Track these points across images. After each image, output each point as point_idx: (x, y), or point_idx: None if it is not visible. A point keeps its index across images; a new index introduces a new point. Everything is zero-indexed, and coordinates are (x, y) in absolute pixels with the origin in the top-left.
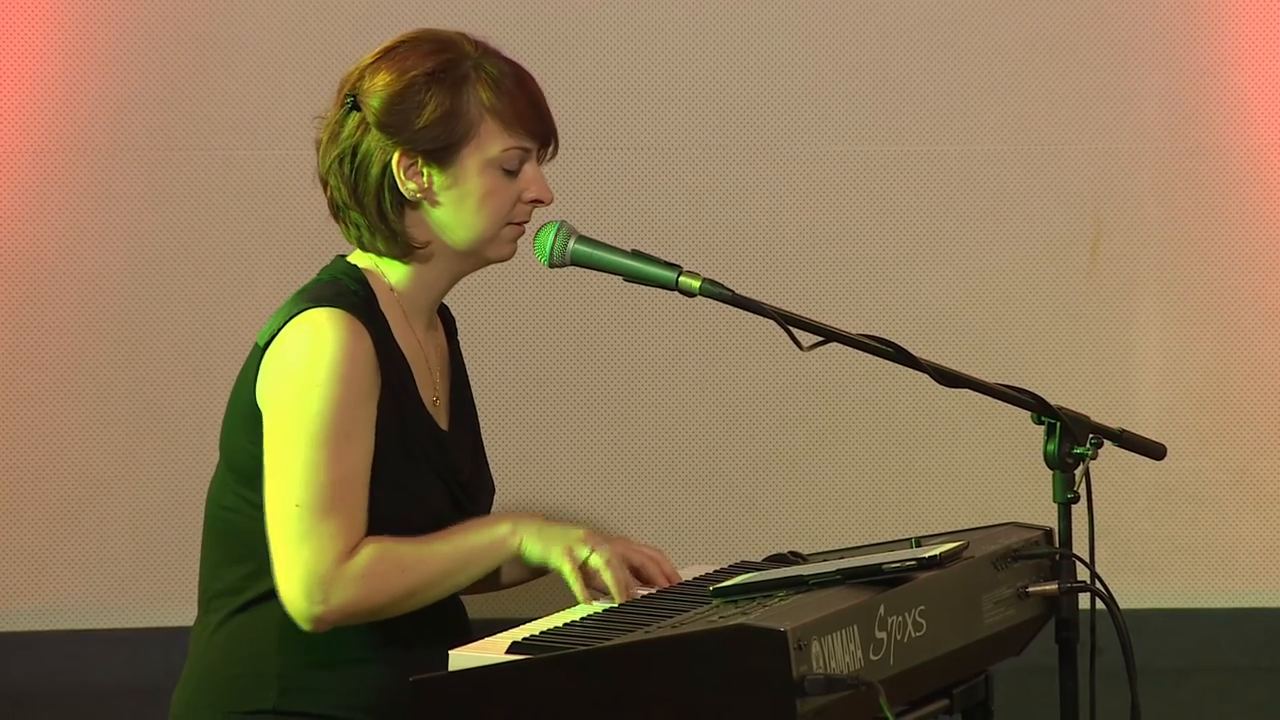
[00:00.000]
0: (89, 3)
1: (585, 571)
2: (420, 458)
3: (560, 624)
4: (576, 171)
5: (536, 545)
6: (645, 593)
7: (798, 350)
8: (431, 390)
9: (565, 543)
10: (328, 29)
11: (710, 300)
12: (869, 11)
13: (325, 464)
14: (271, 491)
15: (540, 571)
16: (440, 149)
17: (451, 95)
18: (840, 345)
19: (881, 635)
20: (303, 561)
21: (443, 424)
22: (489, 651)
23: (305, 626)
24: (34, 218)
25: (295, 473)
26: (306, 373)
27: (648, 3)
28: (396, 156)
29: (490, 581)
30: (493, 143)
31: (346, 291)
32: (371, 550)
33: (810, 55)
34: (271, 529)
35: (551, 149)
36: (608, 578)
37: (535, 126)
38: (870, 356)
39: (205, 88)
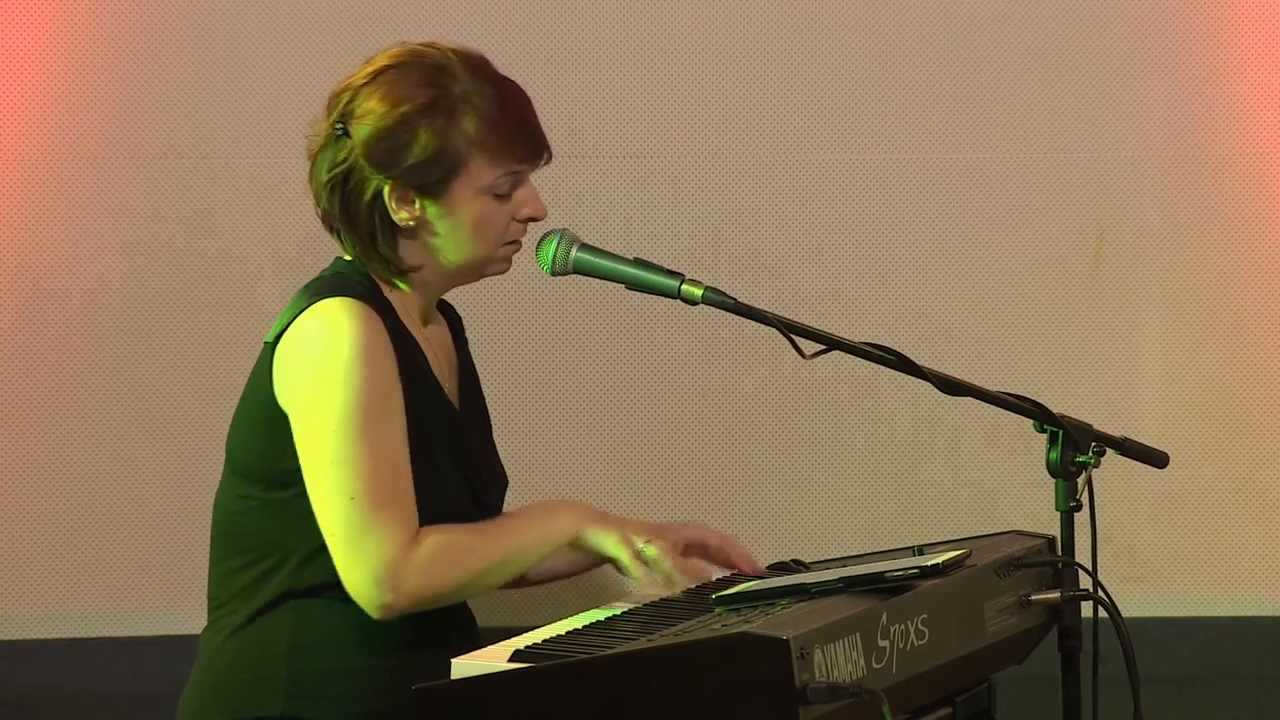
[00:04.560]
0: (90, 10)
1: (642, 561)
2: (435, 440)
3: (563, 632)
4: (579, 180)
5: (596, 531)
6: (719, 575)
7: (800, 358)
8: (441, 376)
9: (623, 531)
10: (330, 36)
11: (713, 308)
12: (871, 21)
13: (369, 452)
14: (321, 487)
15: (586, 566)
16: (431, 183)
17: (439, 131)
18: (843, 353)
19: (884, 643)
20: (368, 552)
21: (456, 405)
22: (491, 659)
23: (375, 615)
24: (36, 224)
25: (341, 465)
26: (328, 363)
27: (650, 12)
28: (388, 189)
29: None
30: (482, 173)
31: (351, 283)
32: (436, 538)
33: (813, 64)
34: (327, 524)
35: (546, 159)
36: (664, 567)
37: (524, 150)
38: (873, 365)
39: (206, 95)
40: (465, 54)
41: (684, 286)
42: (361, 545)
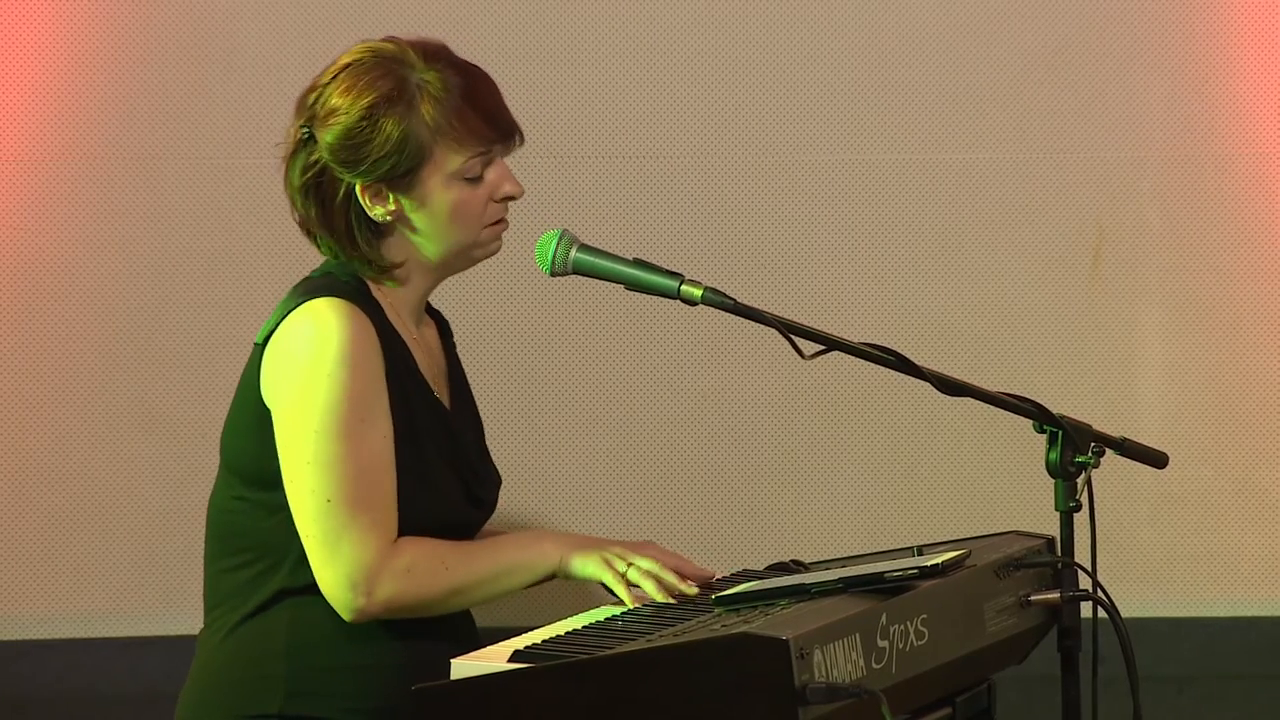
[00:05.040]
0: (90, 10)
1: (626, 581)
2: (426, 438)
3: (563, 632)
4: (579, 180)
5: (579, 561)
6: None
7: (800, 359)
8: (430, 376)
9: (604, 556)
10: (330, 37)
11: (712, 309)
12: (870, 20)
13: (349, 454)
14: (299, 488)
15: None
16: (399, 175)
17: (400, 122)
18: (842, 354)
19: (883, 644)
20: (344, 555)
21: (446, 404)
22: (491, 660)
23: (347, 618)
24: (35, 226)
25: (321, 467)
26: (313, 363)
27: (649, 12)
28: (359, 186)
29: None
30: (449, 159)
31: (340, 283)
32: (416, 548)
33: (812, 64)
34: (305, 525)
35: (517, 140)
36: (649, 587)
37: (487, 132)
38: (872, 365)
39: (204, 96)
40: (422, 43)
41: (683, 287)
42: (337, 548)
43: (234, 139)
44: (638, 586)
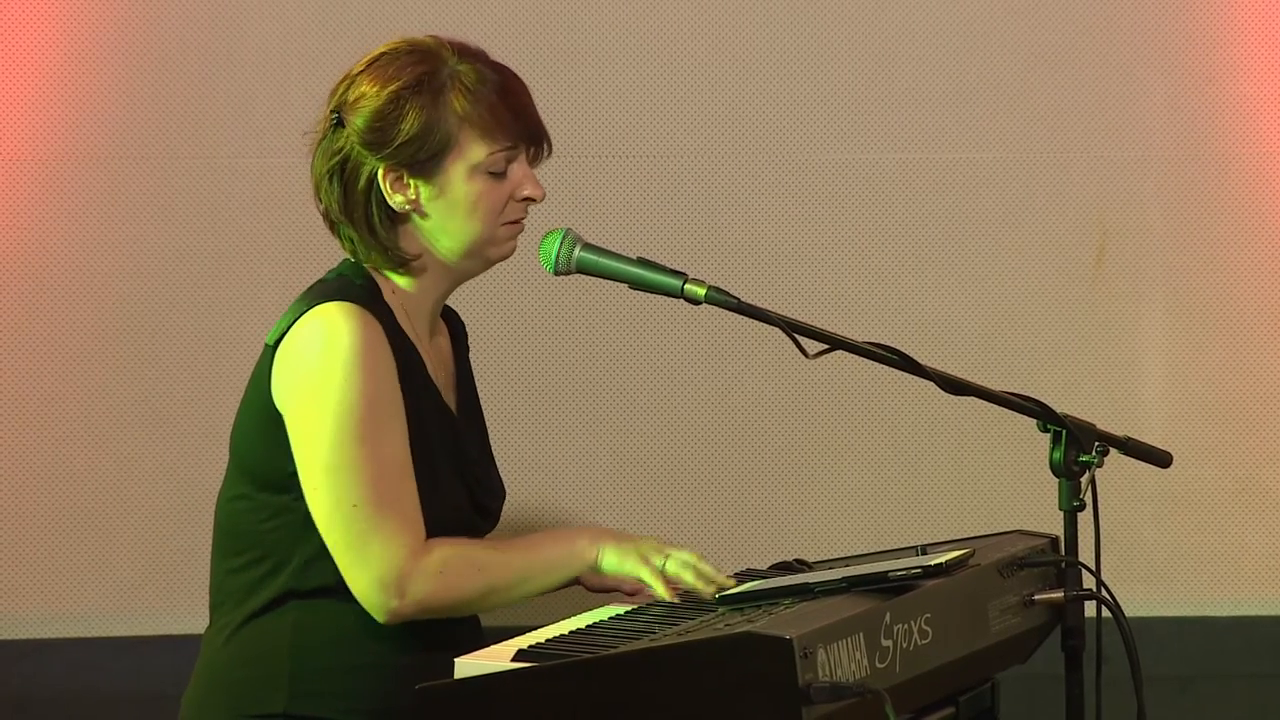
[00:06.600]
0: (94, 10)
1: (664, 577)
2: (435, 444)
3: (566, 631)
4: (582, 179)
5: (614, 557)
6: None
7: (803, 358)
8: (439, 382)
9: (641, 551)
10: (334, 36)
11: (716, 308)
12: (874, 20)
13: (370, 457)
14: (321, 494)
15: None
16: (423, 161)
17: (429, 108)
18: (846, 353)
19: (887, 643)
20: (374, 558)
21: (453, 410)
22: (495, 659)
23: (381, 620)
24: (41, 225)
25: (342, 473)
26: (326, 368)
27: (653, 11)
28: (382, 171)
29: None
30: (474, 149)
31: (353, 286)
32: (448, 548)
33: (816, 63)
34: (330, 531)
35: (545, 148)
36: (688, 577)
37: (516, 128)
38: (876, 364)
39: (211, 96)
40: (460, 43)
41: (687, 286)
42: (366, 551)
43: (239, 139)
44: (675, 581)
